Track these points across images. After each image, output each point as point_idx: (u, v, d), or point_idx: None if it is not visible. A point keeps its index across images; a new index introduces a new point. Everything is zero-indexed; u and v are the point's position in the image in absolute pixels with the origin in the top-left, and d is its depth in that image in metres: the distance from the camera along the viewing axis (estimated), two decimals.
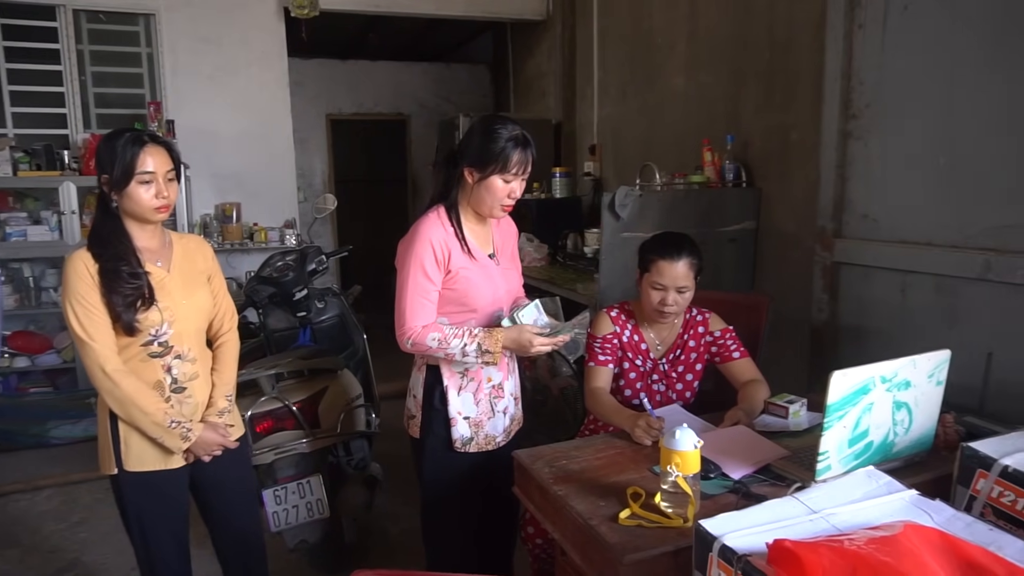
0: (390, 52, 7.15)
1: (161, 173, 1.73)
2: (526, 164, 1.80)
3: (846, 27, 2.60)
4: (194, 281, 1.86)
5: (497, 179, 1.79)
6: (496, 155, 1.77)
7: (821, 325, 2.78)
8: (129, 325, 1.70)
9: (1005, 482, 1.27)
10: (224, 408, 1.90)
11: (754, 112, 3.24)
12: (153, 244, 1.81)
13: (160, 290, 1.76)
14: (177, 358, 1.80)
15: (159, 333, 1.76)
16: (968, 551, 0.98)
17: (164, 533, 1.86)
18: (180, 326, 1.80)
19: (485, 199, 1.83)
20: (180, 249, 1.87)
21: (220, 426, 1.88)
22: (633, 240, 2.32)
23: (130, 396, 1.71)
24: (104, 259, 1.70)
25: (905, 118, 2.43)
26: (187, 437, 1.78)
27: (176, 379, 1.81)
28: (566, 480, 1.62)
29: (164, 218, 1.79)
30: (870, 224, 2.60)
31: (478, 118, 1.91)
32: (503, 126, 1.79)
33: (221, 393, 1.91)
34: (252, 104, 4.96)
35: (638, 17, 4.16)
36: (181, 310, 1.80)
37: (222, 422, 1.89)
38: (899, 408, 1.52)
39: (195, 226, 4.73)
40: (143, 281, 1.73)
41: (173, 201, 1.77)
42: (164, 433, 1.76)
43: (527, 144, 1.80)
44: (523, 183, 1.85)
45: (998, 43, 2.13)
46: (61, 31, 4.44)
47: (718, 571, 1.06)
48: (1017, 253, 2.09)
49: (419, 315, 1.80)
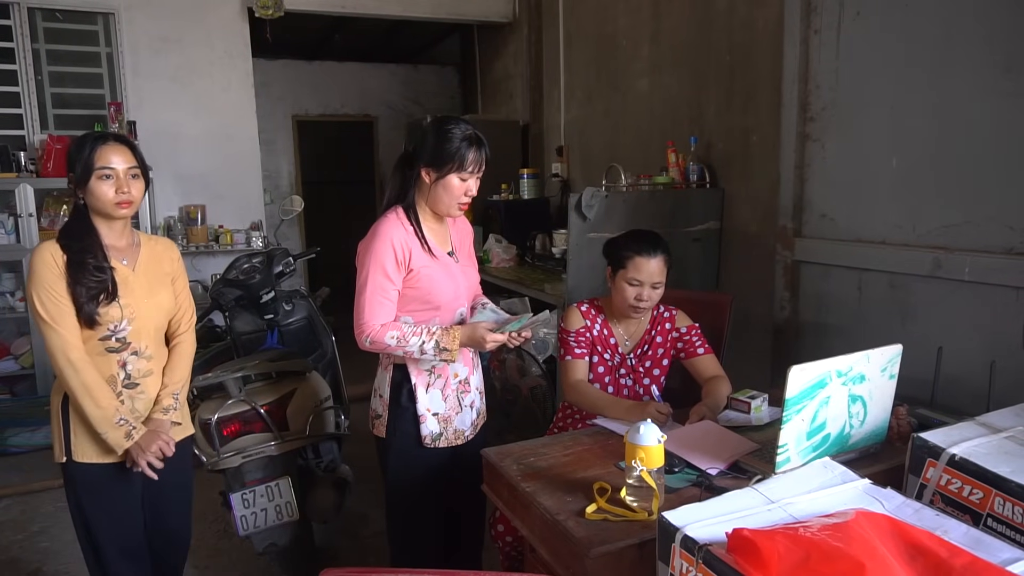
0: (357, 53, 7.10)
1: (122, 169, 1.78)
2: (481, 162, 1.86)
3: (803, 32, 2.67)
4: (158, 282, 1.92)
5: (454, 178, 1.84)
6: (452, 155, 1.82)
7: (782, 322, 2.85)
8: (90, 317, 1.75)
9: (952, 470, 1.32)
10: (169, 406, 1.92)
11: (716, 114, 3.31)
12: (121, 243, 1.87)
13: (123, 286, 1.82)
14: (133, 354, 1.85)
15: (117, 329, 1.81)
16: (915, 535, 1.03)
17: (111, 534, 1.88)
18: (139, 323, 1.85)
19: (443, 198, 1.87)
20: (148, 250, 1.93)
21: (163, 431, 1.88)
22: (600, 241, 2.35)
23: (87, 386, 1.76)
24: (72, 251, 1.77)
25: (860, 120, 2.51)
26: (131, 436, 1.81)
27: (130, 375, 1.85)
28: (534, 477, 1.65)
29: (127, 214, 1.83)
30: (828, 223, 2.67)
31: (431, 120, 1.95)
32: (456, 126, 1.84)
33: (169, 391, 1.93)
34: (216, 105, 4.89)
35: (602, 20, 4.21)
36: (142, 308, 1.85)
37: (167, 419, 1.90)
38: (854, 401, 1.57)
39: (159, 228, 4.65)
40: (108, 276, 1.78)
41: (136, 198, 1.82)
42: (110, 429, 1.79)
43: (481, 143, 1.86)
44: (478, 181, 1.90)
45: (946, 47, 2.21)
46: (15, 29, 4.32)
47: (680, 561, 1.09)
48: (964, 251, 2.18)
49: (378, 314, 1.82)
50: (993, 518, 1.25)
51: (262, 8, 4.60)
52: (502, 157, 4.73)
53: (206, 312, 3.20)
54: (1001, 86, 2.07)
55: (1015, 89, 2.03)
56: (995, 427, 1.45)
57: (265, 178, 5.49)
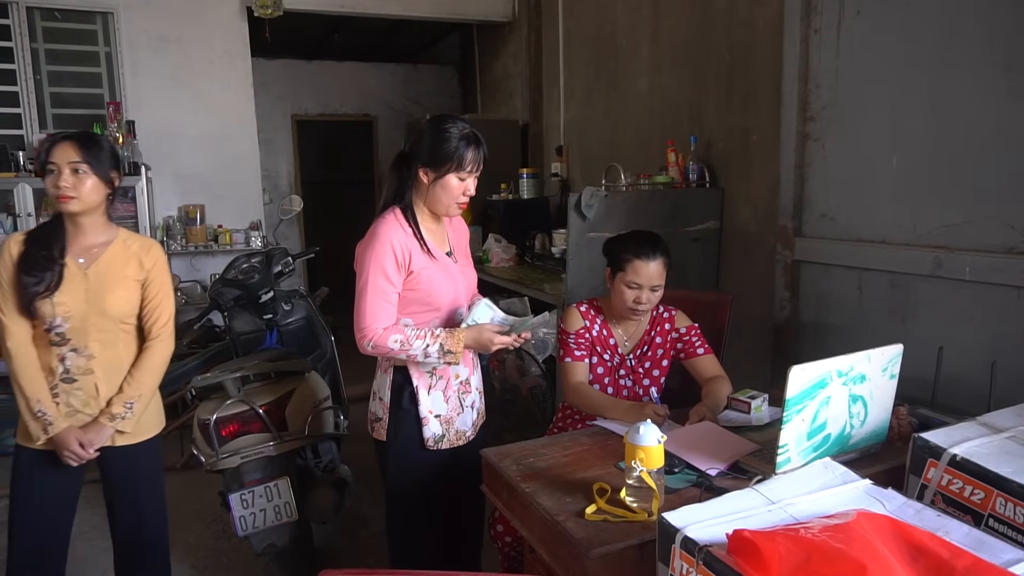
0: (356, 53, 7.10)
1: (63, 163, 1.81)
2: (479, 162, 1.85)
3: (803, 31, 2.67)
4: (116, 283, 1.90)
5: (453, 177, 1.83)
6: (451, 154, 1.81)
7: (782, 322, 2.85)
8: (27, 307, 1.82)
9: (954, 470, 1.32)
10: (118, 414, 1.90)
11: (716, 114, 3.30)
12: (85, 241, 1.90)
13: (67, 284, 1.84)
14: (72, 351, 1.88)
15: (54, 324, 1.85)
16: (917, 536, 1.02)
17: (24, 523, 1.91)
18: (77, 323, 1.86)
19: (441, 198, 1.86)
20: (116, 250, 1.93)
21: (87, 434, 1.88)
22: (599, 240, 2.35)
23: (17, 373, 1.84)
24: (30, 243, 1.85)
25: (860, 120, 2.51)
26: (47, 430, 1.84)
27: (68, 370, 1.88)
28: (533, 478, 1.64)
29: (71, 209, 1.84)
30: (828, 223, 2.67)
31: (428, 119, 1.94)
32: (453, 125, 1.83)
33: (122, 399, 1.91)
34: (215, 104, 4.88)
35: (602, 20, 4.20)
36: (80, 309, 1.86)
37: (108, 426, 1.89)
38: (855, 401, 1.56)
39: (158, 228, 4.64)
40: (54, 271, 1.83)
41: (82, 194, 1.83)
42: (31, 418, 1.85)
43: (479, 142, 1.85)
44: (476, 180, 1.89)
45: (946, 46, 2.20)
46: (14, 28, 4.31)
47: (681, 562, 1.09)
48: (965, 251, 2.17)
49: (379, 317, 1.80)
50: (994, 518, 1.24)
51: (261, 7, 4.59)
52: (501, 157, 4.74)
53: (205, 312, 3.20)
54: (1001, 86, 2.06)
55: (1015, 89, 2.03)
56: (996, 427, 1.45)
57: (264, 178, 5.48)
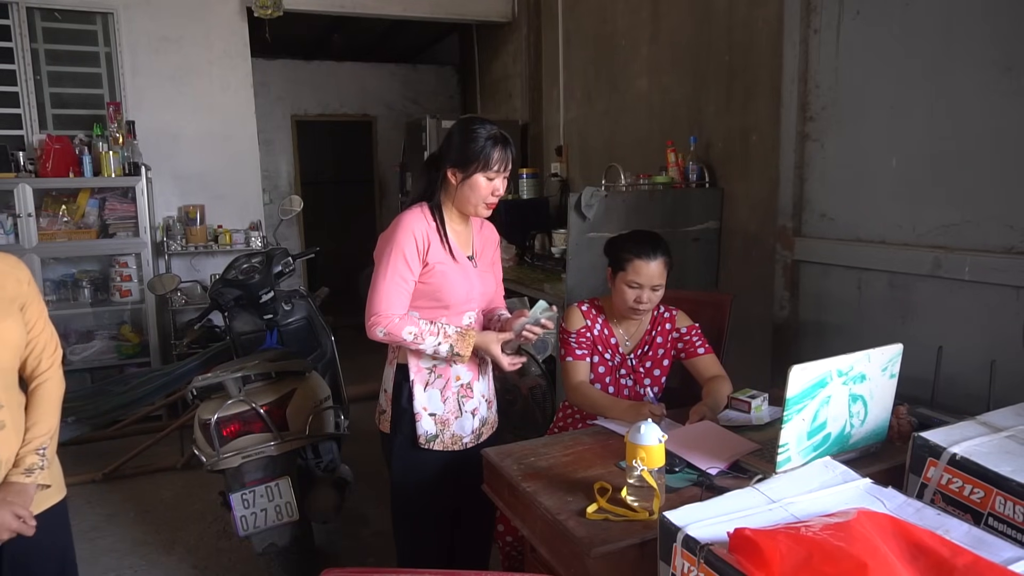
0: (356, 53, 7.10)
1: None
2: (507, 161, 1.87)
3: (802, 32, 2.67)
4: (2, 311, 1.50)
5: (480, 177, 1.85)
6: (477, 154, 1.82)
7: (782, 322, 2.85)
8: None
9: (953, 469, 1.33)
10: (34, 465, 1.51)
11: (715, 114, 3.31)
12: None
13: None
14: None
15: None
16: (917, 535, 1.03)
17: None
18: None
19: (470, 198, 1.87)
20: None
21: (20, 502, 1.47)
22: (599, 240, 2.35)
23: None
24: None
25: (859, 120, 2.51)
26: None
27: None
28: (534, 477, 1.64)
29: None
30: (828, 223, 2.67)
31: (457, 121, 1.96)
32: (481, 126, 1.86)
33: (33, 447, 1.53)
34: (215, 105, 4.88)
35: (601, 20, 4.21)
36: None
37: (31, 483, 1.50)
38: (855, 401, 1.57)
39: (158, 228, 4.66)
40: None
41: None
42: None
43: (507, 142, 1.87)
44: (505, 181, 1.90)
45: (946, 46, 2.21)
46: (14, 29, 4.31)
47: (682, 561, 1.09)
48: (964, 250, 2.18)
49: (394, 303, 1.81)
50: (994, 517, 1.25)
51: (261, 8, 4.59)
52: None
53: (205, 312, 3.20)
54: (1001, 85, 2.07)
55: (1015, 88, 2.03)
56: (996, 426, 1.45)
57: (264, 178, 5.49)
